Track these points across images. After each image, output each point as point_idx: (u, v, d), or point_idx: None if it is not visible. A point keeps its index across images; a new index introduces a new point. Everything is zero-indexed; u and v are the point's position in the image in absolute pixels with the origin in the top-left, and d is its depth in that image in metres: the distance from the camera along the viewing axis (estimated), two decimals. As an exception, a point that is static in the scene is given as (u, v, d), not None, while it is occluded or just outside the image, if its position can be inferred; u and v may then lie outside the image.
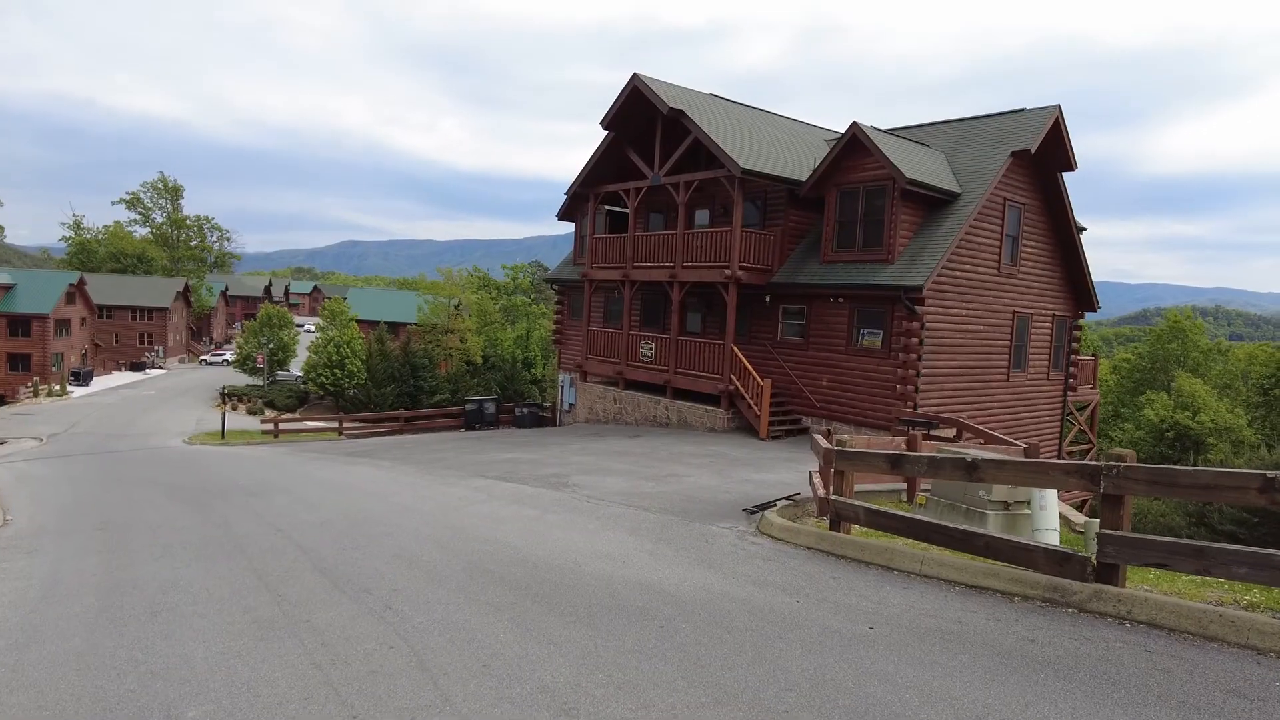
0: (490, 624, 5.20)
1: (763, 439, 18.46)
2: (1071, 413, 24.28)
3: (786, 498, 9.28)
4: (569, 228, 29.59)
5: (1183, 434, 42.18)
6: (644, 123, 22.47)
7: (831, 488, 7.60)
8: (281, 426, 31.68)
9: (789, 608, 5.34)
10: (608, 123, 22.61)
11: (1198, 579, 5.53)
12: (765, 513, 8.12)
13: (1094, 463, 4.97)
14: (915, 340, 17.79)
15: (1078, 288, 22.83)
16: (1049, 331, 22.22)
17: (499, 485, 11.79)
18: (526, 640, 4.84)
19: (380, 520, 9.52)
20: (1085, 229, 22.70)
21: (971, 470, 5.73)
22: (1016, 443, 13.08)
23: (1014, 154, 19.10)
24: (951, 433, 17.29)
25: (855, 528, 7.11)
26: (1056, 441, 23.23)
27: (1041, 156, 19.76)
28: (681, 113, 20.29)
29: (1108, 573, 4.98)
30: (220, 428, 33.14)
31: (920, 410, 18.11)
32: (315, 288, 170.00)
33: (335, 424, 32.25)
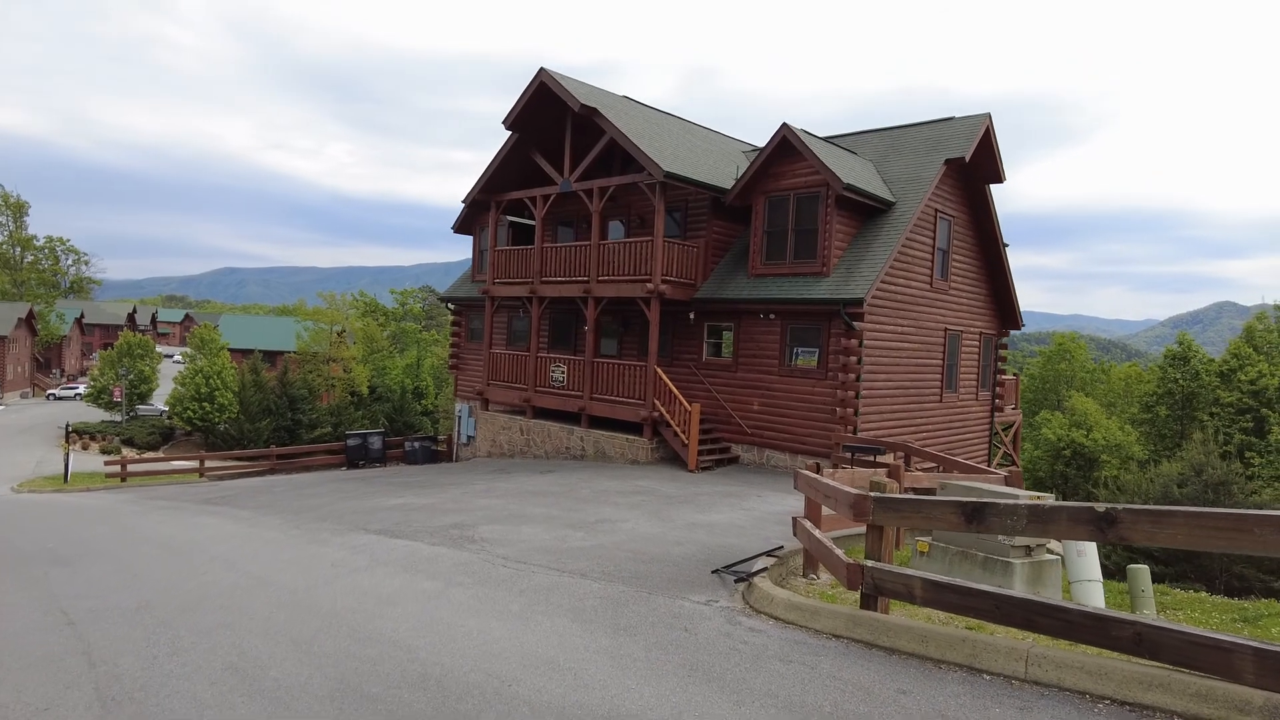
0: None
1: (692, 471, 16.48)
2: (997, 433, 23.53)
3: (768, 553, 7.25)
4: (461, 254, 27.17)
5: (1078, 452, 43.03)
6: (552, 124, 20.38)
7: (835, 548, 5.63)
8: (131, 468, 27.52)
9: (872, 767, 3.27)
10: (511, 122, 20.39)
11: None
12: (754, 580, 6.05)
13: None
14: (854, 359, 16.30)
15: (1003, 304, 22.11)
16: (977, 350, 21.34)
17: (385, 543, 9.26)
18: None
19: (221, 601, 6.93)
20: (1008, 244, 22.04)
21: (1107, 525, 3.85)
22: (994, 470, 11.60)
23: (947, 162, 18.05)
24: (890, 458, 15.84)
25: (891, 603, 5.14)
26: (985, 464, 22.30)
27: (973, 166, 18.86)
28: (595, 111, 18.33)
29: (1366, 688, 3.16)
30: (63, 471, 28.69)
31: (859, 435, 16.60)
32: (187, 316, 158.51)
33: (197, 463, 28.31)
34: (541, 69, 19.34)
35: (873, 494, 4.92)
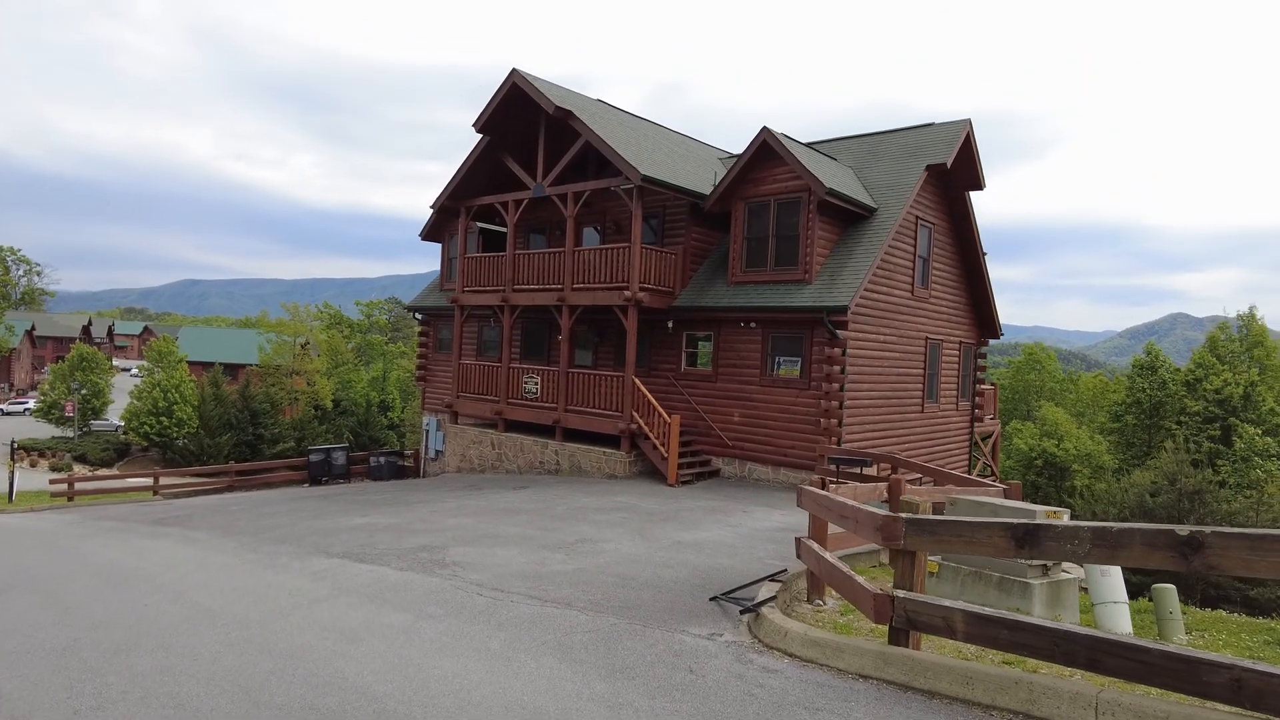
0: None
1: (672, 485, 15.86)
2: (977, 443, 23.25)
3: (771, 577, 6.65)
4: (428, 266, 26.49)
5: (1050, 462, 43.14)
6: (524, 127, 19.76)
7: (855, 575, 5.05)
8: (80, 486, 26.17)
9: None
10: (482, 125, 19.72)
11: None
12: (762, 611, 5.44)
13: None
14: (838, 368, 15.84)
15: (982, 314, 21.87)
16: (957, 359, 21.03)
17: (348, 569, 8.52)
18: None
19: (162, 638, 6.15)
20: (987, 253, 21.82)
21: (1191, 551, 3.32)
22: (991, 483, 11.15)
23: (929, 168, 17.75)
24: (875, 470, 15.38)
25: (922, 636, 4.56)
26: (966, 474, 21.97)
27: (953, 172, 18.58)
28: (569, 113, 17.75)
29: None
30: (8, 491, 27.32)
31: (843, 446, 16.13)
32: (146, 328, 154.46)
33: (151, 481, 27.04)
34: (514, 70, 18.73)
35: (904, 515, 4.36)
